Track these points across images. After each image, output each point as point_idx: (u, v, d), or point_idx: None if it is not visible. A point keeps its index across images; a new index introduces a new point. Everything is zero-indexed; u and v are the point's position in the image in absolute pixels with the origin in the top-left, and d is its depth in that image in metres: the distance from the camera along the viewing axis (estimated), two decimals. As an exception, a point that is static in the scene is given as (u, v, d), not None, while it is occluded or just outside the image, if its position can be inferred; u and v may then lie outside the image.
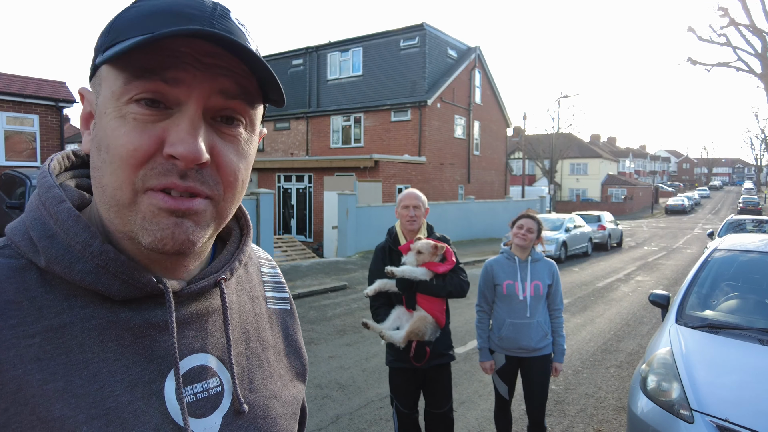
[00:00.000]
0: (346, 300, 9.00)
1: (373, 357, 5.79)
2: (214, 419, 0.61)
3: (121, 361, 0.55)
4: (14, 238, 0.56)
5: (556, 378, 5.18)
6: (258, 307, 0.76)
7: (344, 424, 4.14)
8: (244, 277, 0.75)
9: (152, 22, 0.51)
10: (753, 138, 64.36)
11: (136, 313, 0.57)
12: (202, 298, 0.64)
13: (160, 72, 0.51)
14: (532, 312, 3.09)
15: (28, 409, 0.49)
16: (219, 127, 0.56)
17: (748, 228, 12.47)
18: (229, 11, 0.56)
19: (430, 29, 20.69)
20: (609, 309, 8.71)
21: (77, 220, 0.55)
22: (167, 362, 0.58)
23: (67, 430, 0.50)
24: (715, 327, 3.24)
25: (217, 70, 0.53)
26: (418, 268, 2.70)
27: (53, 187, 0.57)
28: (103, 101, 0.54)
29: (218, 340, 0.65)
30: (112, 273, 0.54)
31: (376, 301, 2.87)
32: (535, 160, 39.89)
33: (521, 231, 3.12)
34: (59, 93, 13.35)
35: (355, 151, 21.13)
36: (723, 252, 4.08)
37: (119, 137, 0.52)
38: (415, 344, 2.74)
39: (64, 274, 0.54)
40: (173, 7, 0.53)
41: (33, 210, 0.57)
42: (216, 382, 0.63)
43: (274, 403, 0.70)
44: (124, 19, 0.54)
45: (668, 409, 2.70)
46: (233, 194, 0.59)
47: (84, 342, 0.53)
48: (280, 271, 0.85)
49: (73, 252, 0.54)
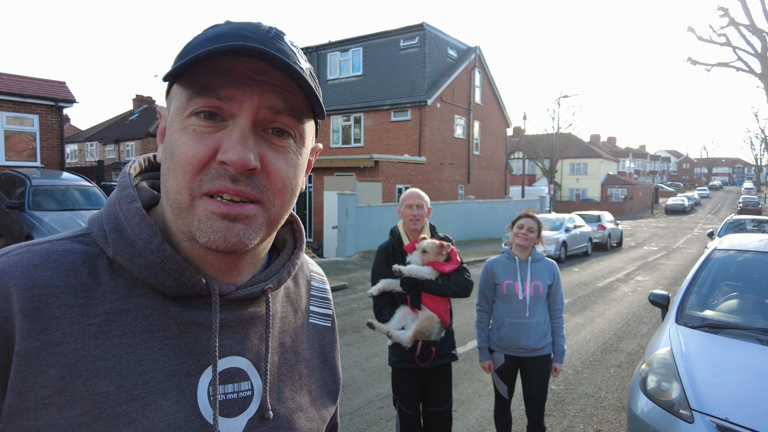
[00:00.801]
0: (346, 300, 9.00)
1: (373, 357, 5.79)
2: (239, 421, 0.64)
3: (165, 351, 0.60)
4: (92, 228, 0.63)
5: (556, 378, 5.18)
6: (300, 320, 0.78)
7: (344, 424, 4.14)
8: (293, 288, 0.79)
9: (213, 44, 0.56)
10: (753, 138, 64.42)
11: (184, 310, 0.62)
12: (248, 305, 0.68)
13: (216, 90, 0.57)
14: (532, 312, 3.09)
15: (80, 381, 0.55)
16: (270, 138, 0.61)
17: (748, 228, 12.48)
18: (284, 34, 0.61)
19: (430, 29, 20.69)
20: (609, 309, 8.71)
21: (143, 219, 0.61)
22: (205, 359, 0.63)
23: (110, 405, 0.55)
24: (715, 327, 3.24)
25: (266, 86, 0.58)
26: (425, 267, 2.70)
27: (128, 187, 0.64)
28: (171, 115, 0.61)
29: (256, 347, 0.68)
30: (166, 270, 0.60)
31: (379, 301, 2.86)
32: (535, 160, 39.89)
33: (522, 231, 3.12)
34: (59, 93, 13.35)
35: (355, 151, 21.12)
36: (723, 252, 4.08)
37: (181, 146, 0.58)
38: (421, 344, 2.74)
39: (127, 266, 0.60)
40: (233, 30, 0.58)
41: (110, 205, 0.64)
42: (247, 386, 0.66)
43: (300, 416, 0.72)
44: (193, 43, 0.60)
45: (668, 409, 2.70)
46: (283, 200, 0.63)
47: (136, 328, 0.59)
48: (329, 288, 0.89)
49: (135, 247, 0.60)
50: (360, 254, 14.27)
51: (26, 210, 8.54)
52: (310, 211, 18.39)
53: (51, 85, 13.47)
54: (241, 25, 0.59)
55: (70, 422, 0.54)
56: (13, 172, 10.11)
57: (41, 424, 0.53)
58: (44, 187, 9.14)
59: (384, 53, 21.60)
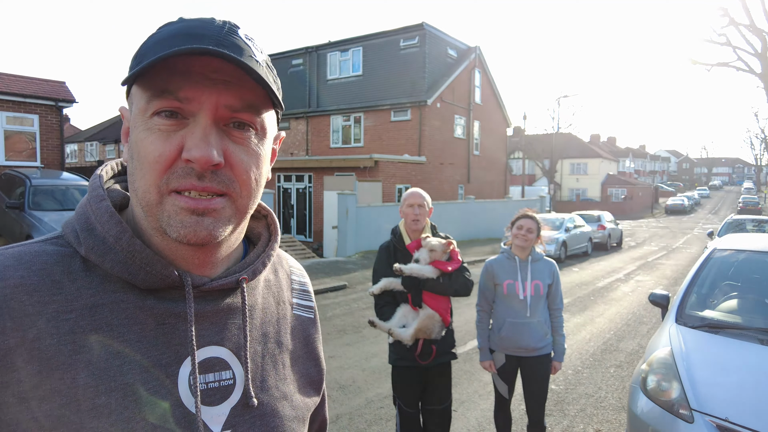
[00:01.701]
0: (346, 300, 9.00)
1: (373, 357, 5.79)
2: (222, 409, 0.66)
3: (143, 343, 0.61)
4: (66, 230, 0.65)
5: (556, 377, 5.18)
6: (282, 311, 0.80)
7: (344, 423, 4.14)
8: (273, 281, 0.81)
9: (168, 45, 0.57)
10: (753, 138, 64.43)
11: (160, 302, 0.64)
12: (225, 296, 0.69)
13: (175, 92, 0.59)
14: (532, 311, 3.09)
15: (58, 375, 0.56)
16: (231, 132, 0.63)
17: (748, 228, 12.49)
18: (238, 28, 0.62)
19: (430, 29, 20.68)
20: (609, 309, 8.71)
21: (111, 216, 0.63)
22: (184, 349, 0.64)
23: (88, 397, 0.57)
24: (715, 327, 3.24)
25: (222, 85, 0.60)
26: (426, 266, 2.71)
27: (98, 188, 0.66)
28: (134, 117, 0.62)
29: (236, 336, 0.69)
30: (137, 264, 0.61)
31: (380, 300, 2.88)
32: (535, 160, 39.90)
33: (521, 232, 3.12)
34: (59, 93, 13.35)
35: (355, 150, 21.12)
36: (723, 252, 4.08)
37: (147, 146, 0.59)
38: (422, 342, 2.75)
39: (99, 263, 0.61)
40: (187, 29, 0.59)
41: (81, 206, 0.66)
42: (229, 375, 0.68)
43: (284, 404, 0.73)
44: (148, 44, 0.61)
45: (668, 408, 2.70)
46: (249, 191, 0.65)
47: (112, 322, 0.60)
48: (309, 281, 0.91)
49: (106, 243, 0.62)
50: (360, 254, 14.27)
51: (26, 210, 8.54)
52: (310, 211, 18.39)
53: (51, 85, 13.46)
54: (195, 23, 0.61)
55: (48, 415, 0.55)
56: (13, 172, 10.11)
57: (20, 418, 0.54)
58: (44, 187, 9.14)
59: (384, 53, 21.59)
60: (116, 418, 0.57)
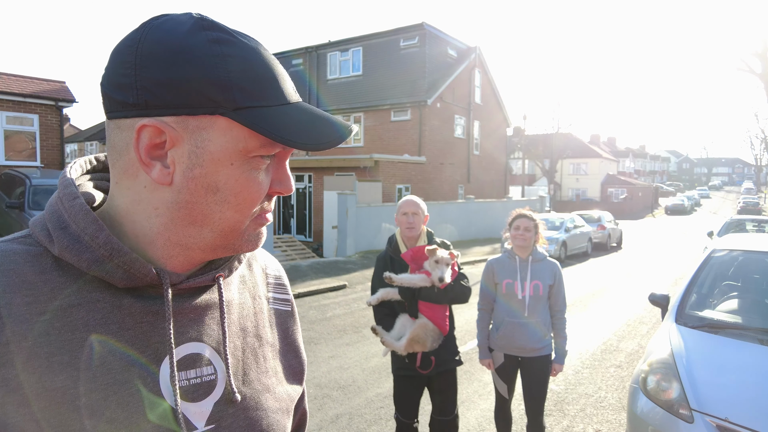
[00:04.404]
0: (346, 300, 9.00)
1: (373, 357, 5.79)
2: (205, 405, 0.66)
3: (121, 343, 0.61)
4: (34, 229, 0.63)
5: (556, 378, 5.19)
6: (259, 305, 0.80)
7: (344, 423, 4.14)
8: (248, 276, 0.81)
9: (279, 88, 0.62)
10: (753, 138, 64.20)
11: (137, 300, 0.63)
12: (202, 292, 0.70)
13: (278, 146, 0.64)
14: (531, 312, 3.09)
15: (35, 378, 0.55)
16: None
17: (748, 228, 12.48)
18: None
19: (430, 29, 20.68)
20: (609, 309, 8.71)
21: (87, 214, 0.61)
22: (163, 347, 0.64)
23: (68, 399, 0.56)
24: (715, 327, 3.25)
25: None
26: (417, 275, 2.68)
27: (70, 185, 0.65)
28: (223, 151, 0.60)
29: (215, 332, 0.70)
30: (115, 262, 0.60)
31: (379, 311, 2.88)
32: (534, 160, 39.87)
33: (518, 232, 3.12)
34: (59, 93, 13.34)
35: (355, 150, 21.11)
36: (722, 252, 4.08)
37: (251, 184, 0.63)
38: (421, 354, 2.76)
39: (74, 262, 0.60)
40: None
41: (52, 204, 0.65)
42: (210, 371, 0.68)
43: (267, 397, 0.74)
44: (240, 73, 0.59)
45: (668, 408, 2.70)
46: None
47: (89, 322, 0.59)
48: (284, 275, 0.91)
49: (82, 242, 0.60)
50: (360, 254, 14.26)
51: (26, 210, 8.54)
52: (310, 211, 18.39)
53: (51, 85, 13.47)
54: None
55: (28, 419, 0.54)
56: (13, 172, 10.11)
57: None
58: (44, 186, 9.14)
59: (384, 53, 21.59)
60: (98, 419, 0.57)
